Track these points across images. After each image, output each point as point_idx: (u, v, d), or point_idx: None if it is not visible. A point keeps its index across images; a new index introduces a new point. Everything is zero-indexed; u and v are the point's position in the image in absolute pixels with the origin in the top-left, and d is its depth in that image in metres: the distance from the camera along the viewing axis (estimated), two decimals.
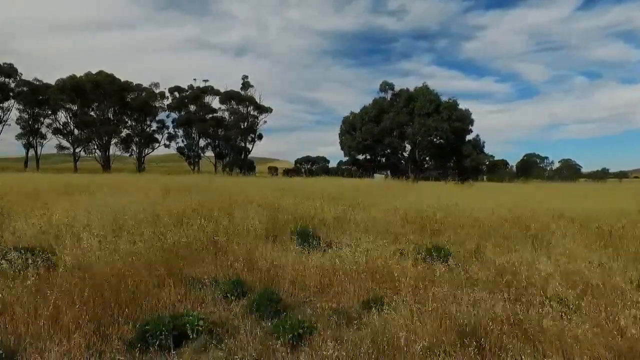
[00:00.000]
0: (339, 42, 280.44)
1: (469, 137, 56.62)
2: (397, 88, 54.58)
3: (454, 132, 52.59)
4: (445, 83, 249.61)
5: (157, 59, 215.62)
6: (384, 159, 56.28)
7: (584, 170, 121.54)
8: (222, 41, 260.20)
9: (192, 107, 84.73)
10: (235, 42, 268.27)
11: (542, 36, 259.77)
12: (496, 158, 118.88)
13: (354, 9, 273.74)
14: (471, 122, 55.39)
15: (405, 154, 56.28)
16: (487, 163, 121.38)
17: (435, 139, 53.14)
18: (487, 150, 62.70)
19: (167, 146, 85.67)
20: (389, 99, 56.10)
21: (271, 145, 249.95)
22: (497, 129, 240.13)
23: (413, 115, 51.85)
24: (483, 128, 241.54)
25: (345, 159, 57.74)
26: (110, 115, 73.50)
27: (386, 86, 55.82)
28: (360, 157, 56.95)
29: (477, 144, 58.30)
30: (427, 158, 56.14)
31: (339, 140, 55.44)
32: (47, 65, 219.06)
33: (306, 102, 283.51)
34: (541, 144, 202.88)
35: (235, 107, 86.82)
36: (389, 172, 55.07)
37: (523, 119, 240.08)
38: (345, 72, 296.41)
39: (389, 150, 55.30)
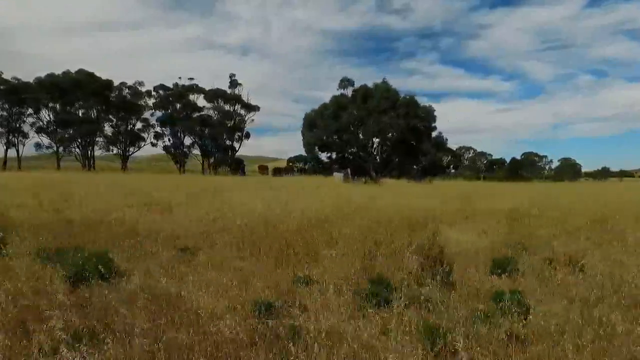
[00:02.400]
0: (344, 41, 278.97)
1: (434, 134, 55.31)
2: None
3: (413, 130, 51.30)
4: (450, 82, 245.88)
5: (160, 60, 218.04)
6: (351, 157, 55.39)
7: (585, 169, 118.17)
8: (227, 41, 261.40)
9: (178, 106, 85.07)
10: (240, 42, 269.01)
11: (548, 34, 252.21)
12: (494, 157, 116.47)
13: (359, 8, 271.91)
14: (434, 119, 53.95)
15: (371, 152, 55.32)
16: (485, 162, 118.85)
17: (392, 136, 51.94)
18: (490, 149, 61.16)
19: (154, 145, 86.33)
20: (349, 95, 55.19)
21: (275, 145, 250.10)
22: (503, 128, 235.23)
23: (370, 112, 50.84)
24: (488, 127, 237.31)
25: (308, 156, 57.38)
26: (94, 113, 74.26)
27: (345, 82, 54.98)
28: (324, 155, 56.40)
29: (439, 142, 56.77)
30: (392, 156, 55.01)
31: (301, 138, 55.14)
32: (51, 66, 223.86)
33: (311, 101, 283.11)
34: (546, 142, 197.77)
35: (221, 105, 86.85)
36: (349, 170, 53.99)
37: (528, 118, 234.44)
38: (349, 71, 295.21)
39: (354, 149, 54.44)
